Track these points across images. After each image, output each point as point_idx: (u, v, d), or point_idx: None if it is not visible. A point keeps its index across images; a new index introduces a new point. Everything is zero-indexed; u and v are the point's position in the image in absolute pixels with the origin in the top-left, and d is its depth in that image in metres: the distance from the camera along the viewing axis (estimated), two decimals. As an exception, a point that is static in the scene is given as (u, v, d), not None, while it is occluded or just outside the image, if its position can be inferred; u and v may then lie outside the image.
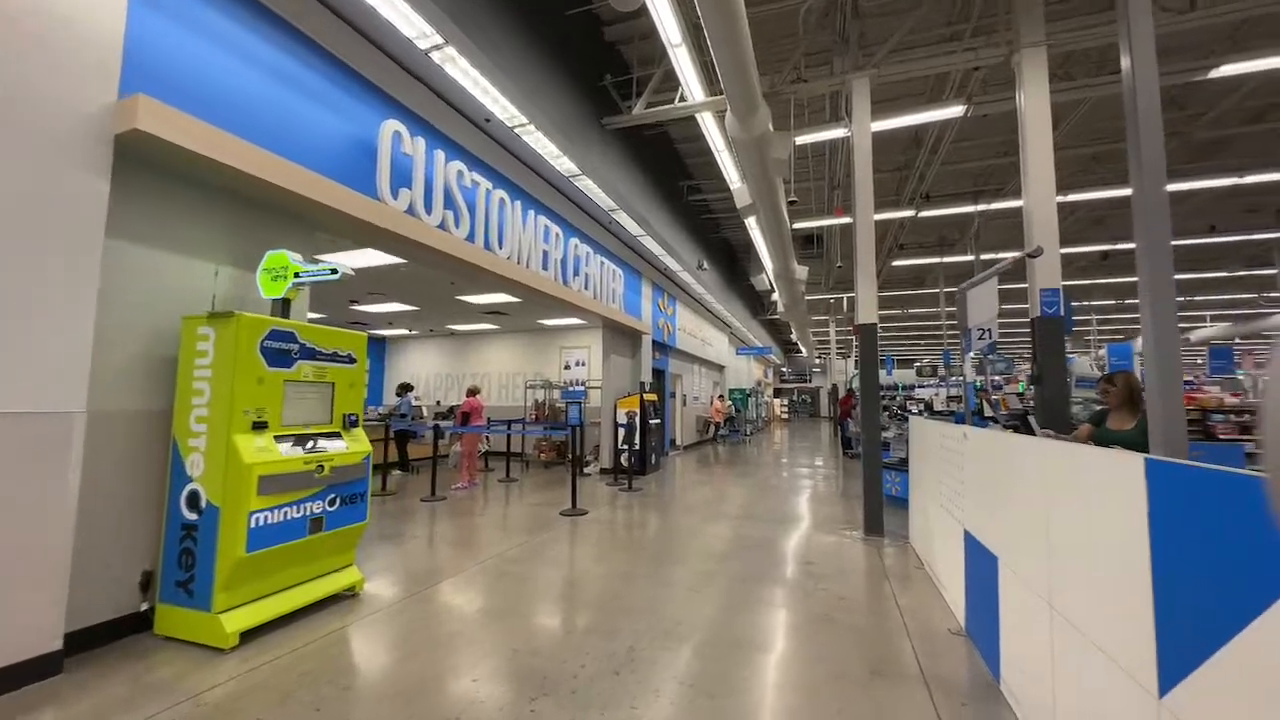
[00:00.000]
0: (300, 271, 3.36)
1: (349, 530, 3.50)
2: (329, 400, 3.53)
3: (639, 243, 9.27)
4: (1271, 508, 0.45)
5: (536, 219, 6.66)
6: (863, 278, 5.61)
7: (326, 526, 3.32)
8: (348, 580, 3.55)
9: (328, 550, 3.41)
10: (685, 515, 6.26)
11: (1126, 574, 1.50)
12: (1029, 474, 2.20)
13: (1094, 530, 1.70)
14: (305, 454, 3.20)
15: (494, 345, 12.52)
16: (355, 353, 3.69)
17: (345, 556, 3.59)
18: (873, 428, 5.32)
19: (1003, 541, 2.54)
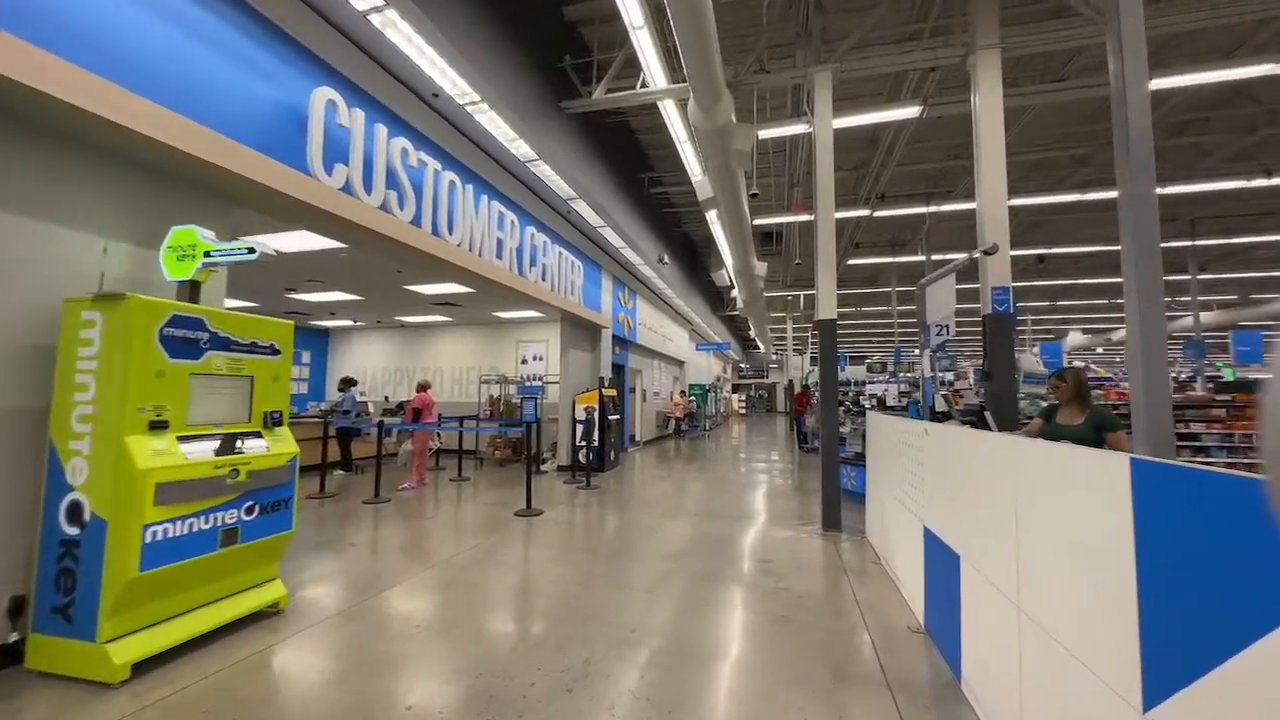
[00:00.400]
0: (211, 250, 2.96)
1: (271, 541, 3.14)
2: (247, 396, 3.14)
3: (599, 234, 9.02)
4: (1272, 509, 0.43)
5: (490, 205, 6.31)
6: (823, 273, 5.59)
7: (243, 538, 2.95)
8: (269, 596, 3.18)
9: (245, 564, 3.04)
10: (644, 512, 6.11)
11: (1108, 581, 1.42)
12: (997, 471, 2.14)
13: (1071, 533, 1.62)
14: (216, 457, 2.82)
15: (447, 338, 11.98)
16: (279, 343, 3.30)
17: (267, 570, 3.22)
18: (831, 423, 5.31)
19: (966, 540, 2.49)
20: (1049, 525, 1.75)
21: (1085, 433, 3.28)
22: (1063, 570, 1.67)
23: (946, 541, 2.71)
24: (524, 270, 7.08)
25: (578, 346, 9.72)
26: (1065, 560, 1.66)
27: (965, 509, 2.50)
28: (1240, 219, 10.94)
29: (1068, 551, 1.64)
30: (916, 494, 3.30)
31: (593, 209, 7.86)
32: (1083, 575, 1.55)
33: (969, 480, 2.46)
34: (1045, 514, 1.78)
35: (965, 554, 2.48)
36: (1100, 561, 1.46)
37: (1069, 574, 1.63)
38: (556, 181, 6.93)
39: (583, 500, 6.88)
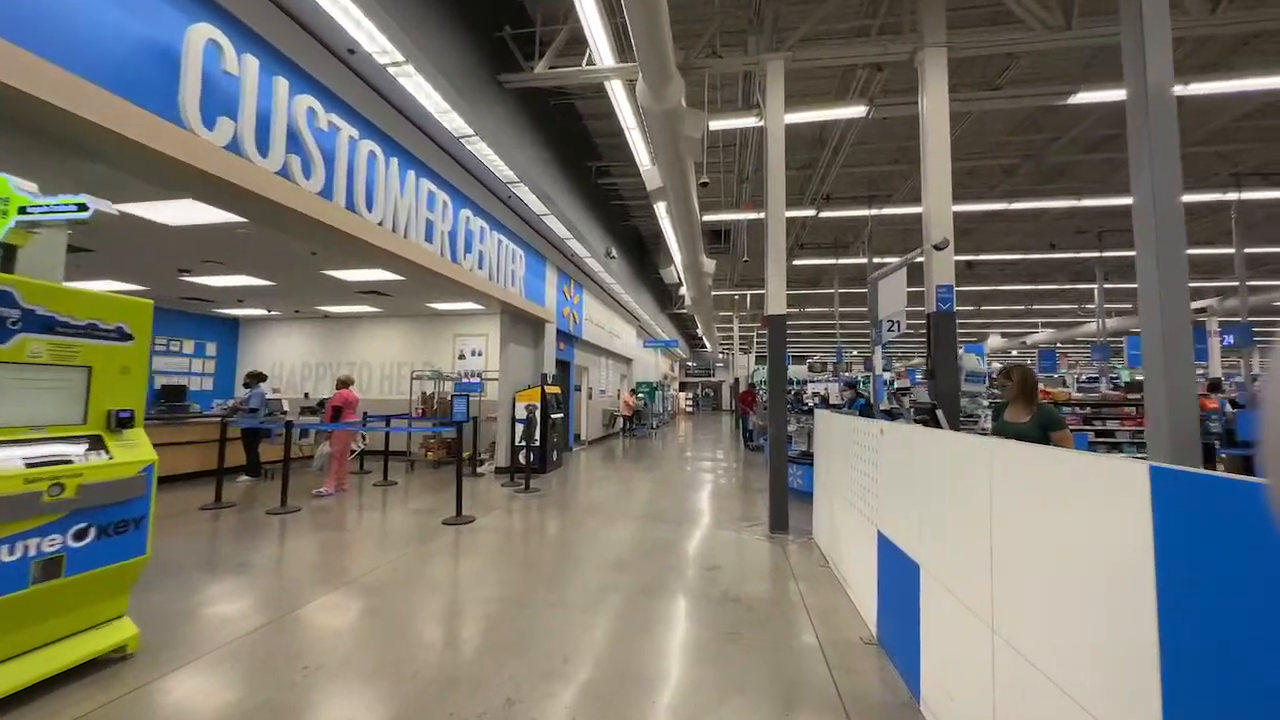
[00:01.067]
0: (28, 205, 2.32)
1: (114, 571, 2.52)
2: (82, 391, 2.51)
3: (543, 223, 8.53)
4: (1272, 510, 0.41)
5: (419, 182, 5.71)
6: (773, 268, 5.42)
7: (70, 569, 2.34)
8: (113, 639, 2.56)
9: (76, 601, 2.42)
10: (585, 518, 5.73)
11: (1116, 611, 1.20)
12: (967, 476, 1.93)
13: (1065, 550, 1.41)
14: (28, 469, 2.20)
15: (375, 331, 11.07)
16: (131, 325, 2.68)
17: (110, 606, 2.60)
18: (780, 423, 5.15)
19: (927, 549, 2.30)
20: (1032, 539, 1.54)
21: (1031, 430, 3.21)
22: (1050, 591, 1.46)
23: (904, 550, 2.52)
24: (458, 256, 6.51)
25: (519, 341, 9.19)
26: (1053, 580, 1.44)
27: (927, 516, 2.31)
28: (1140, 233, 11.88)
29: (1056, 570, 1.43)
30: (870, 497, 3.12)
31: (536, 195, 7.37)
32: (1078, 599, 1.34)
33: (932, 484, 2.27)
34: (1027, 525, 1.57)
35: (926, 565, 2.29)
36: (1104, 584, 1.24)
37: (1058, 596, 1.42)
38: (496, 163, 6.40)
39: (521, 504, 6.41)
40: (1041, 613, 1.49)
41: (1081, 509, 1.34)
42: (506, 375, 8.77)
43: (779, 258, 5.40)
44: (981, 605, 1.80)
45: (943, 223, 4.98)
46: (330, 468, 6.68)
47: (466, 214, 6.70)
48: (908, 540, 2.50)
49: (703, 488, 7.79)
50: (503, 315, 8.80)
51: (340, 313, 10.63)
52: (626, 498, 6.91)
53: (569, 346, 11.89)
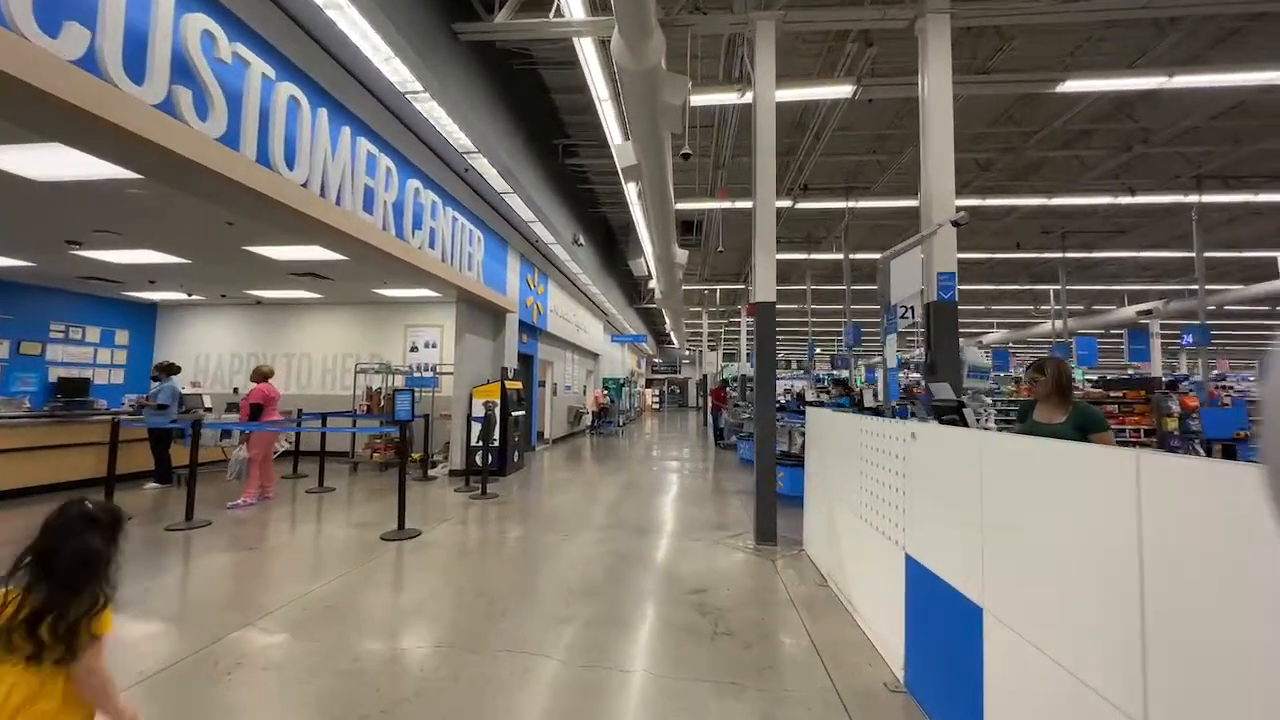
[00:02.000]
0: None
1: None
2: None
3: (505, 204, 7.74)
4: (1271, 504, 0.40)
5: (356, 141, 4.88)
6: (761, 252, 4.88)
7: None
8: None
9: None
10: (546, 529, 5.06)
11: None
12: (1093, 504, 1.40)
13: (1240, 600, 0.87)
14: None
15: (317, 319, 9.99)
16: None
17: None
18: (767, 423, 4.62)
19: (998, 592, 1.77)
20: (1197, 584, 1.01)
21: (1067, 432, 2.77)
22: (1236, 665, 0.92)
23: (954, 585, 1.99)
24: (404, 232, 5.69)
25: (477, 332, 8.38)
26: (1235, 648, 0.91)
27: (998, 549, 1.78)
28: (1098, 235, 12.09)
29: (1238, 632, 0.90)
30: (891, 512, 2.60)
31: (497, 170, 6.60)
32: None
33: (1008, 509, 1.74)
34: (1190, 567, 1.04)
35: (998, 612, 1.76)
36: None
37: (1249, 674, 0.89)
38: (449, 127, 5.60)
39: (476, 513, 5.67)
40: (1202, 687, 0.95)
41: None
42: (463, 369, 7.96)
43: (768, 241, 4.87)
44: (1094, 671, 1.26)
45: (944, 206, 4.55)
46: (250, 474, 5.75)
47: (415, 185, 5.88)
48: (962, 575, 1.97)
49: (675, 490, 7.23)
50: (459, 303, 7.98)
51: (275, 298, 9.52)
52: (594, 503, 6.27)
53: (532, 339, 11.12)
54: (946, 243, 4.51)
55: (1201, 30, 6.14)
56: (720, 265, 16.12)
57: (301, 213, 4.10)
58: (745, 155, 9.12)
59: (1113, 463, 1.32)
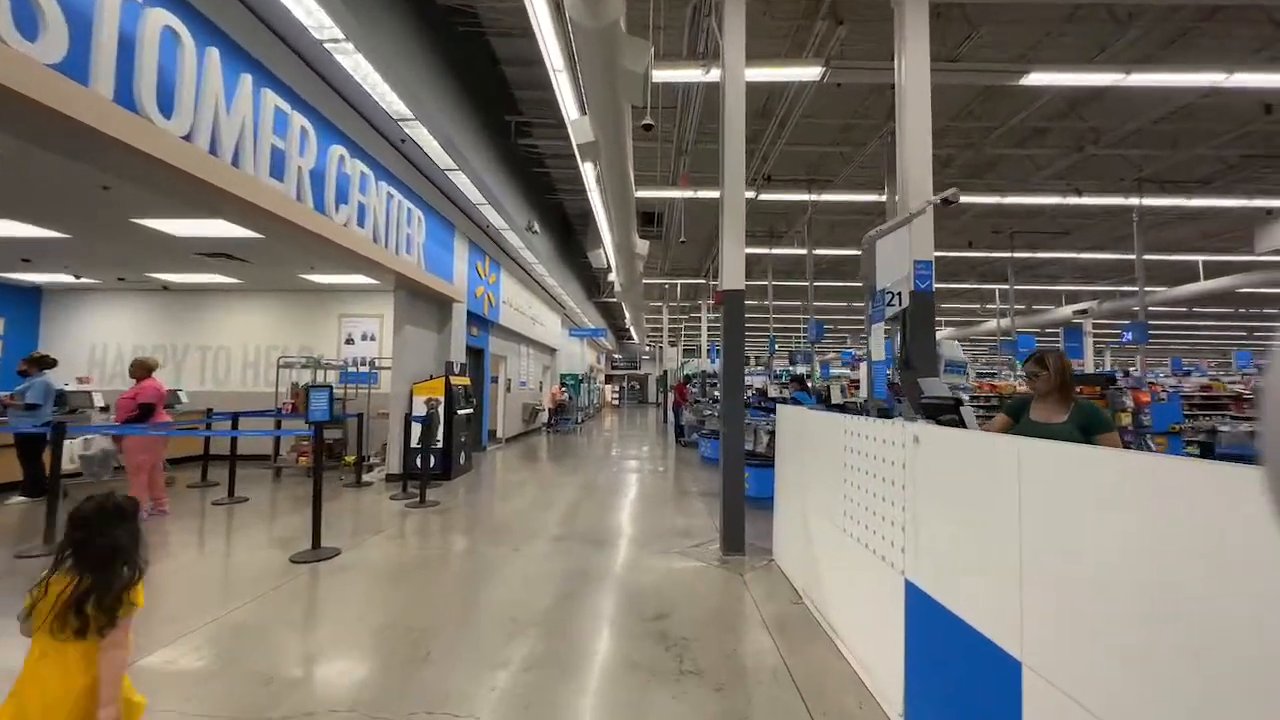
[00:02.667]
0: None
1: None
2: None
3: (449, 182, 7.03)
4: (1271, 505, 0.38)
5: (261, 94, 4.12)
6: (730, 236, 4.47)
7: None
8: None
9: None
10: (491, 541, 4.49)
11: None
12: (1172, 534, 1.01)
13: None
14: None
15: (237, 307, 8.93)
16: None
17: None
18: (735, 422, 4.21)
19: (1045, 643, 1.38)
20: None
21: (1069, 433, 2.48)
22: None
23: (983, 631, 1.61)
24: (325, 205, 4.94)
25: (419, 323, 7.63)
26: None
27: (1042, 586, 1.39)
28: (1044, 235, 12.46)
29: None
30: (888, 530, 2.22)
31: (438, 141, 5.90)
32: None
33: (1053, 535, 1.35)
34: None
35: (1041, 665, 1.37)
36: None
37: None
38: (380, 89, 4.88)
39: (412, 524, 5.02)
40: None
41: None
42: (403, 363, 7.21)
43: (737, 225, 4.46)
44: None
45: (921, 191, 4.27)
46: (135, 484, 4.86)
47: (340, 152, 5.12)
48: (991, 618, 1.58)
49: (635, 493, 6.78)
50: (398, 291, 7.22)
51: (185, 283, 8.41)
52: (546, 509, 5.73)
53: (483, 332, 10.39)
54: (924, 230, 4.24)
55: (1156, 29, 6.17)
56: (681, 258, 15.78)
57: (184, 172, 3.35)
58: (709, 141, 8.73)
59: (1237, 482, 0.93)
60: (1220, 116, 7.62)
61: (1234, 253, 12.91)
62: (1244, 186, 9.43)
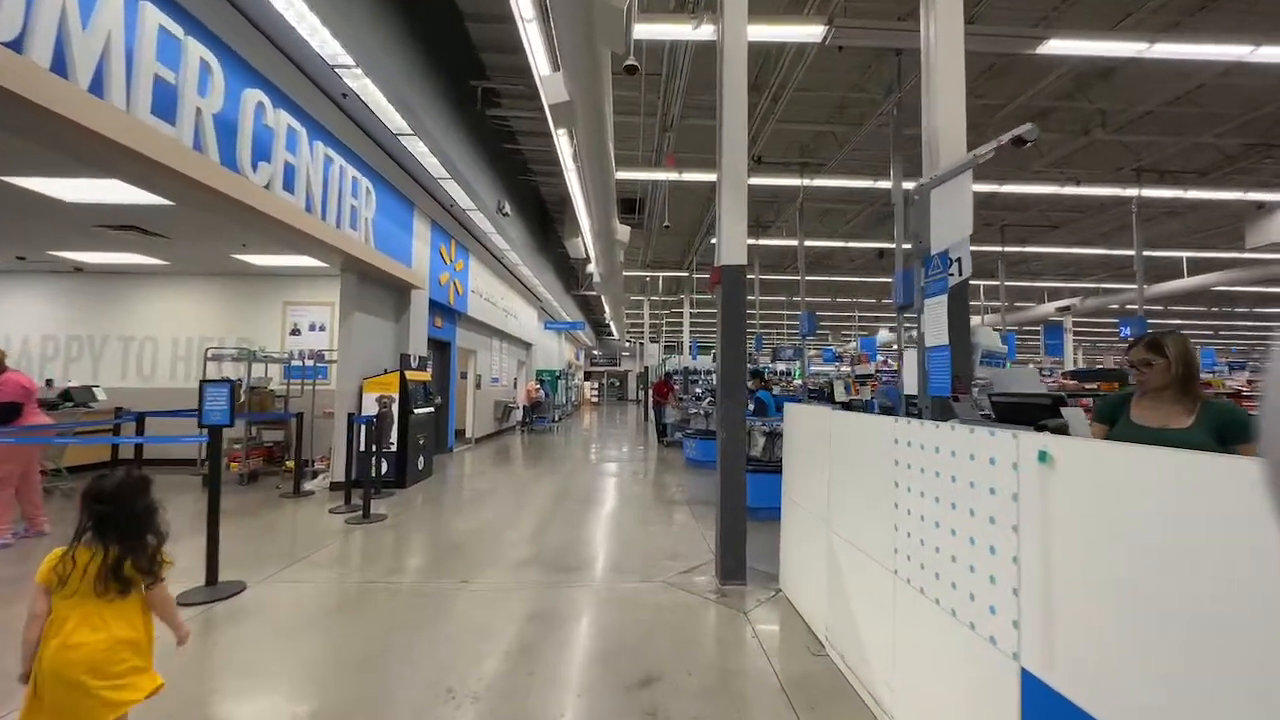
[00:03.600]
0: None
1: None
2: None
3: (406, 152, 6.13)
4: (1271, 500, 0.37)
5: (135, 6, 3.20)
6: (730, 200, 3.72)
7: None
8: None
9: None
10: (438, 570, 3.67)
11: None
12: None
13: None
14: None
15: (164, 293, 7.85)
16: None
17: None
18: (735, 422, 3.48)
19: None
20: None
21: (1201, 441, 1.81)
22: None
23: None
24: (238, 161, 4.02)
25: (371, 311, 6.71)
26: None
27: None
28: (1034, 229, 12.10)
29: None
30: (987, 590, 1.50)
31: (389, 99, 5.02)
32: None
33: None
34: None
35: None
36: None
37: None
38: (309, 22, 3.99)
39: (347, 547, 4.16)
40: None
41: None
42: (351, 356, 6.29)
43: (738, 188, 3.72)
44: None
45: (953, 150, 3.60)
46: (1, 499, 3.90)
47: (258, 99, 4.21)
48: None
49: (615, 502, 6.02)
50: (345, 274, 6.29)
51: (102, 264, 7.31)
52: (513, 524, 4.92)
53: (449, 323, 9.48)
54: (957, 204, 3.57)
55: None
56: (663, 250, 15.04)
57: (11, 93, 2.44)
58: (698, 115, 7.99)
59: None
60: (1230, 100, 7.20)
61: (1217, 249, 12.79)
62: (1241, 179, 9.13)
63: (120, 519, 1.49)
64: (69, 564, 1.43)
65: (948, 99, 3.57)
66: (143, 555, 1.49)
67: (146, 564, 1.49)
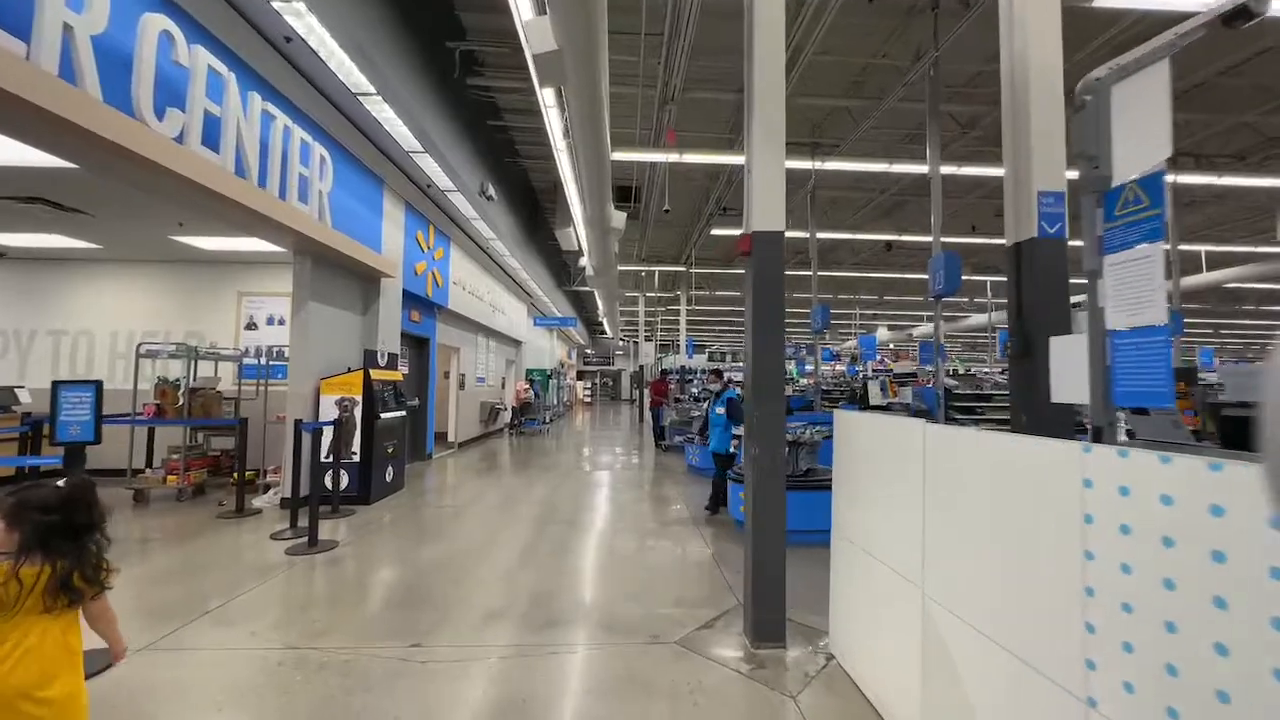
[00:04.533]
0: None
1: None
2: None
3: (369, 116, 5.23)
4: (1270, 499, 0.38)
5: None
6: (763, 155, 2.88)
7: None
8: None
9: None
10: (387, 627, 2.80)
11: None
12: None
13: None
14: None
15: (102, 283, 6.90)
16: None
17: None
18: (773, 436, 2.64)
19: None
20: None
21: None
22: None
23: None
24: (133, 102, 3.12)
25: (332, 301, 5.82)
26: None
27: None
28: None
29: None
30: None
31: (347, 50, 4.13)
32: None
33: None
34: None
35: None
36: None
37: None
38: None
39: (282, 588, 3.29)
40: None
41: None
42: (307, 352, 5.39)
43: (774, 130, 2.87)
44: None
45: (1047, 86, 2.80)
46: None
47: (164, 26, 3.31)
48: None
49: (609, 522, 5.18)
50: (299, 257, 5.40)
51: (26, 248, 6.36)
52: (486, 555, 4.06)
53: (428, 318, 8.58)
54: (1053, 141, 2.77)
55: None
56: (659, 244, 14.21)
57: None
58: (701, 86, 7.17)
59: None
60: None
61: (1232, 243, 12.19)
62: (1276, 165, 8.45)
63: (70, 528, 1.37)
64: (13, 586, 1.29)
65: (1039, 16, 2.76)
66: (89, 564, 1.39)
67: (93, 573, 1.40)
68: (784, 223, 2.73)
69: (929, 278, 4.82)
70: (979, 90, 7.09)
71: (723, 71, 6.81)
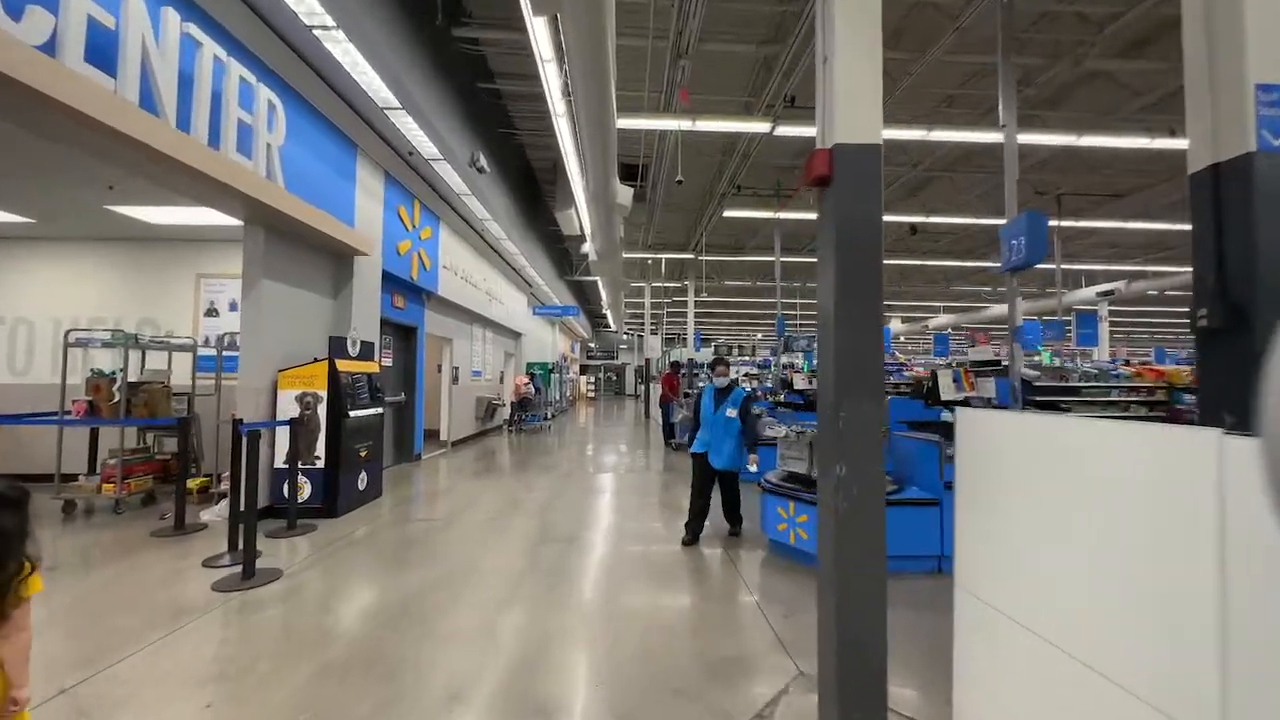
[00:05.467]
0: None
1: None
2: None
3: (332, 59, 4.34)
4: (1268, 484, 0.37)
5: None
6: (848, 38, 1.97)
7: None
8: None
9: None
10: (342, 700, 1.96)
11: None
12: None
13: None
14: None
15: (38, 265, 6.06)
16: None
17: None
18: (868, 445, 1.76)
19: None
20: None
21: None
22: None
23: None
24: None
25: (291, 280, 4.95)
26: None
27: None
28: (1093, 199, 10.42)
29: None
30: None
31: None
32: None
33: None
34: None
35: None
36: None
37: None
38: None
39: (186, 646, 2.44)
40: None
41: None
42: (257, 339, 4.54)
43: (862, 7, 1.96)
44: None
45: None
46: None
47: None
48: None
49: (616, 544, 4.32)
50: (251, 228, 4.53)
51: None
52: (462, 594, 3.21)
53: (415, 304, 7.72)
54: (1269, 24, 1.87)
55: None
56: (667, 230, 13.30)
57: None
58: (719, 37, 6.26)
59: None
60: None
61: None
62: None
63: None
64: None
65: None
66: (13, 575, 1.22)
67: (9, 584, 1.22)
68: (880, 133, 1.84)
69: (1002, 248, 3.95)
70: (1039, 37, 6.13)
71: (743, 14, 5.90)
